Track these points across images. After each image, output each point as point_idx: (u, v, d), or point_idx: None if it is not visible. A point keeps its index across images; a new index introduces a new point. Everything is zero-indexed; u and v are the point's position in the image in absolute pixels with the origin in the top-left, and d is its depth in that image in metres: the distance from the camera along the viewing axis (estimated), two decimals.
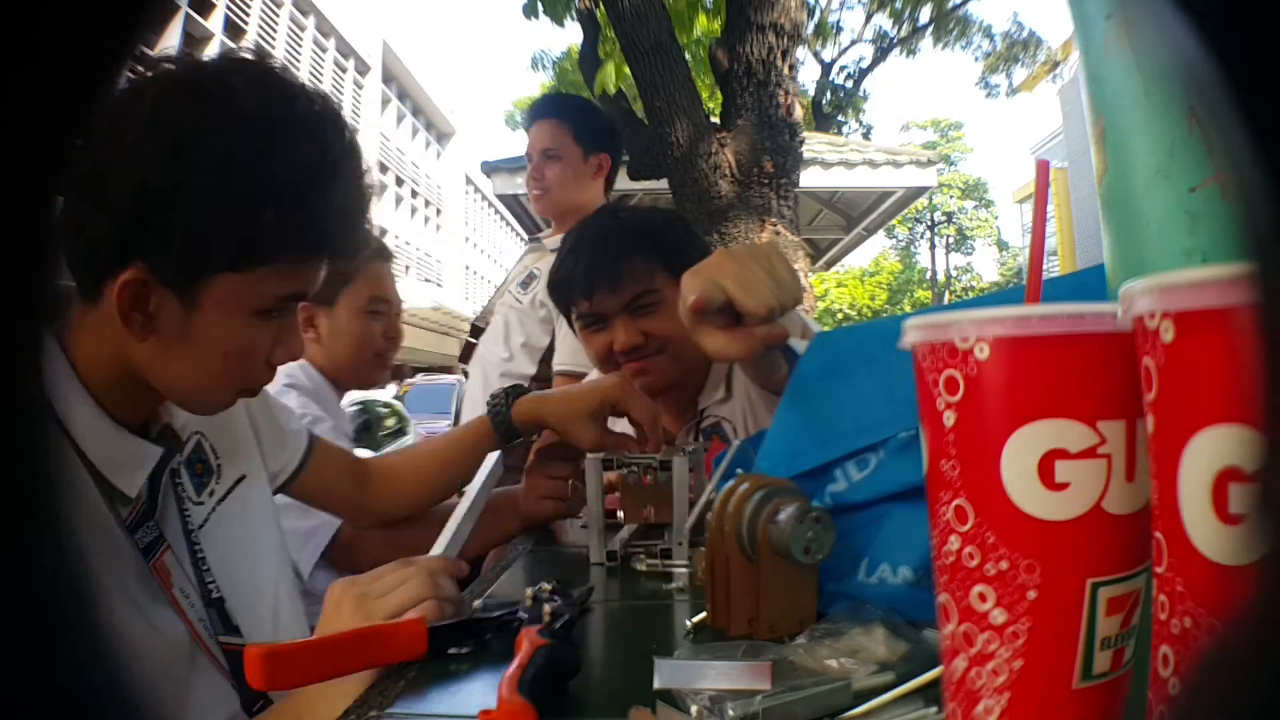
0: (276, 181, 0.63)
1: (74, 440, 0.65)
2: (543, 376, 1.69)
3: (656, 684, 0.47)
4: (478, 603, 0.68)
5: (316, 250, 0.69)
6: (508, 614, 0.62)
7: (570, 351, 1.57)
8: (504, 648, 0.58)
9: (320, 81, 20.18)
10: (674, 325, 1.04)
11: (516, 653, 0.51)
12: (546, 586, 0.65)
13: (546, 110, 1.89)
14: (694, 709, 0.43)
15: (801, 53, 3.32)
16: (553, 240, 1.79)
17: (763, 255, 0.70)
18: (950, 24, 12.75)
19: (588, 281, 1.08)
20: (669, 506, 0.86)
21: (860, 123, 12.69)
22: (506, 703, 0.44)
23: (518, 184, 4.85)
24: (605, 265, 1.08)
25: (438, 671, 0.56)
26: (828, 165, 4.86)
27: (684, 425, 1.16)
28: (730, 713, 0.42)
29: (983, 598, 0.32)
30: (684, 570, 0.81)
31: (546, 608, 0.60)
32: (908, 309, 25.93)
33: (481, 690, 0.53)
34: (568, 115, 1.84)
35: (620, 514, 0.95)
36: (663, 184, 3.29)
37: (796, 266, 2.89)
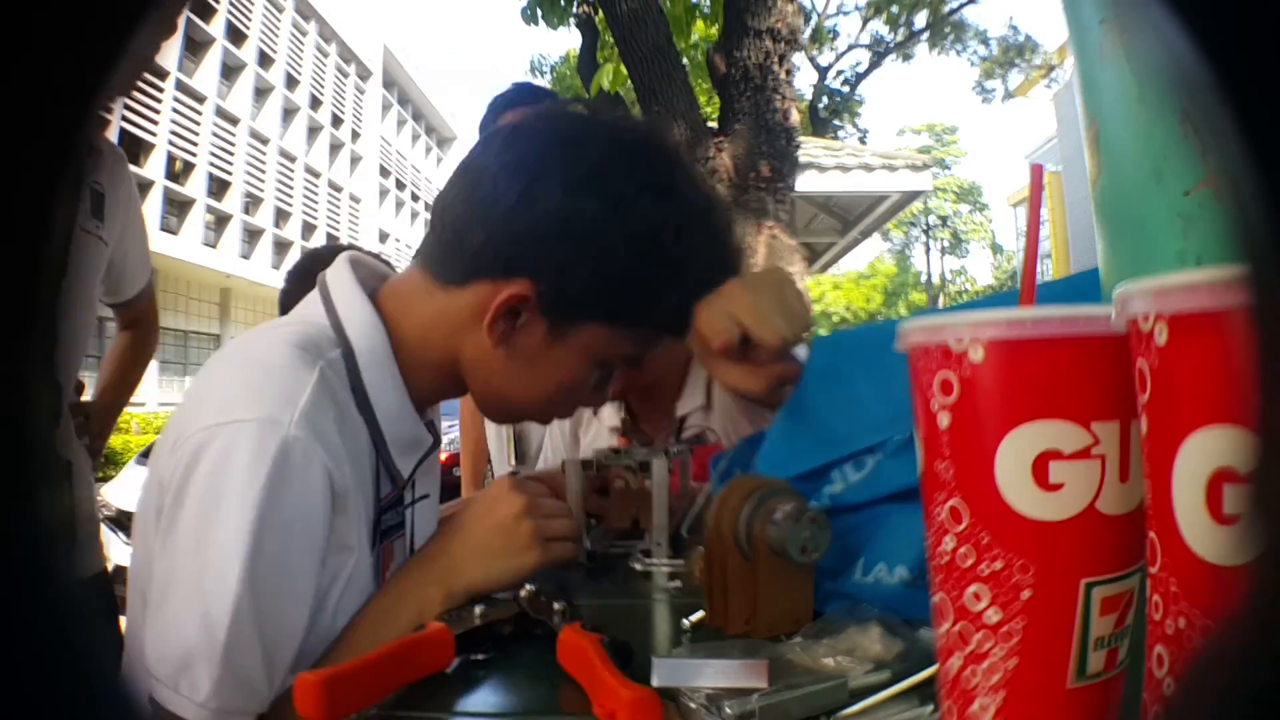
0: (684, 272, 0.68)
1: (376, 418, 0.66)
2: None
3: (655, 682, 0.47)
4: (479, 608, 0.67)
5: (678, 333, 0.72)
6: (517, 615, 0.60)
7: None
8: (518, 650, 0.58)
9: (322, 87, 20.21)
10: None
11: (568, 653, 0.50)
12: (530, 588, 0.63)
13: (521, 100, 1.81)
14: (692, 707, 0.43)
15: (798, 58, 3.33)
16: None
17: (775, 284, 0.69)
18: (946, 29, 12.80)
19: None
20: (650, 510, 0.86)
21: (856, 127, 12.71)
22: (632, 691, 0.42)
23: None
24: None
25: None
26: (824, 169, 4.87)
27: (664, 433, 1.16)
28: (727, 711, 0.42)
29: (977, 597, 0.32)
30: (679, 568, 0.81)
31: (557, 605, 0.58)
32: (903, 312, 25.97)
33: (484, 690, 0.53)
34: (525, 101, 1.77)
35: (609, 519, 0.95)
36: None
37: (794, 269, 2.90)
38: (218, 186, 15.99)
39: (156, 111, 13.66)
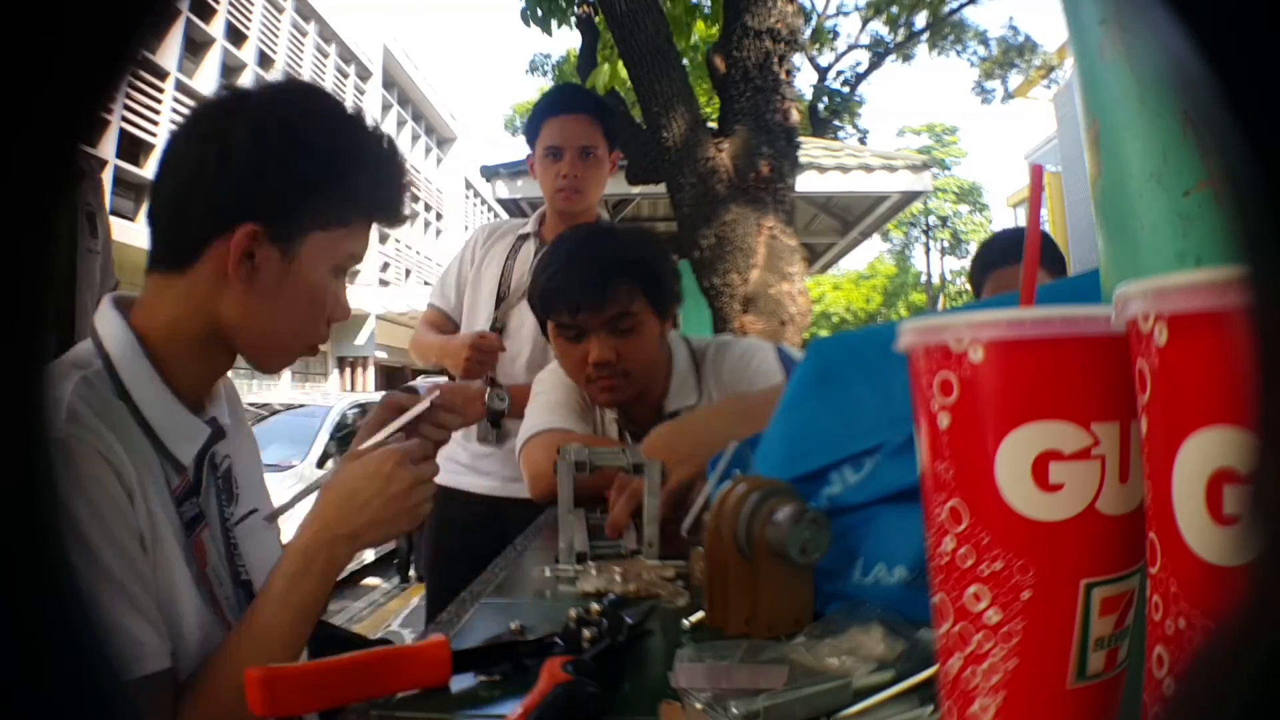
0: (355, 160, 0.79)
1: (138, 408, 0.72)
2: None
3: (681, 684, 0.47)
4: (515, 624, 0.61)
5: (382, 215, 0.83)
6: (545, 637, 0.57)
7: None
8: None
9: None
10: (642, 349, 1.18)
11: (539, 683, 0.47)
12: (596, 607, 0.58)
13: (583, 105, 1.78)
14: (698, 706, 0.43)
15: (798, 58, 3.33)
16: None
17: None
18: (946, 30, 12.80)
19: (579, 297, 1.16)
20: None
21: (856, 127, 12.69)
22: None
23: (518, 188, 4.85)
24: (593, 286, 1.15)
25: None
26: (824, 169, 4.86)
27: (653, 426, 1.17)
28: (733, 711, 0.42)
29: (977, 598, 0.32)
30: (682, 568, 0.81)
31: (586, 633, 0.55)
32: (903, 313, 26.01)
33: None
34: (601, 112, 1.78)
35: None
36: (660, 188, 3.29)
37: (793, 270, 2.89)
38: None
39: (156, 112, 13.65)
